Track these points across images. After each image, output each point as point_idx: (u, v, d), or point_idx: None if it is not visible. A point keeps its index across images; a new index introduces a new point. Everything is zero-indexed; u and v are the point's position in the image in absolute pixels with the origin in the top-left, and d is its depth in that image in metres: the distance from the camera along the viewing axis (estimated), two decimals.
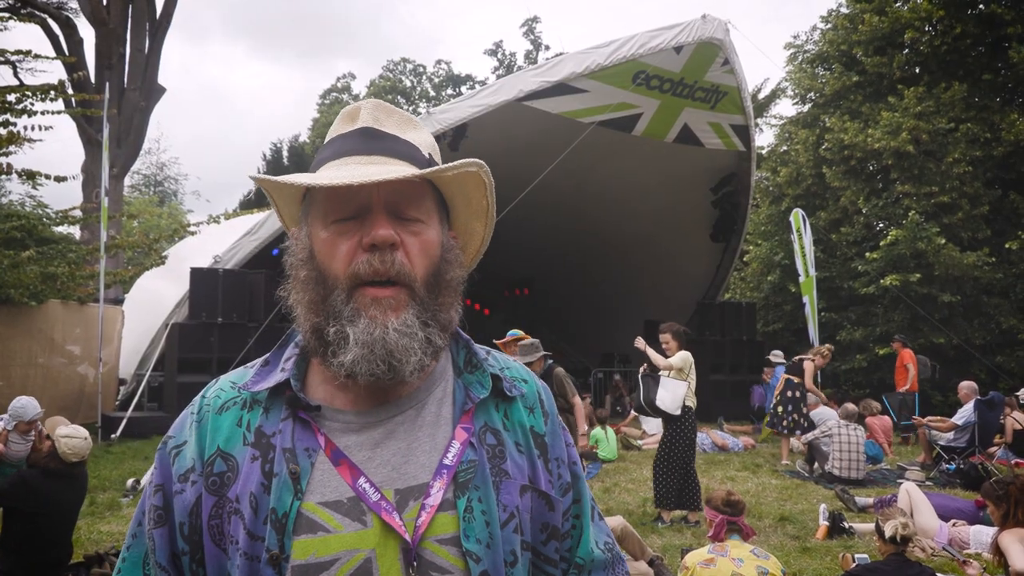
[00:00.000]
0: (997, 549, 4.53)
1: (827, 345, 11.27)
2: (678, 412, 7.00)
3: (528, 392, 1.22)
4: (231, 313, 11.70)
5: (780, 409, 10.19)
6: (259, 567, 1.00)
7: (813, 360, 10.44)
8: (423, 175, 1.06)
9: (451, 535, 1.03)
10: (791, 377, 10.26)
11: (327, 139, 1.18)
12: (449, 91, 41.37)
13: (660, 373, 7.17)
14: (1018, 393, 11.47)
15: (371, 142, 1.12)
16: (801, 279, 14.05)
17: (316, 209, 1.10)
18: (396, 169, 1.07)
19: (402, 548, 1.01)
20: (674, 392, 6.95)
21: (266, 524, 1.01)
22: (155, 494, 1.11)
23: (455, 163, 1.08)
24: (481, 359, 1.20)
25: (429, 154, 1.16)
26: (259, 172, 34.91)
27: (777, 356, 12.97)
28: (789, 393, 10.11)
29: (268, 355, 1.18)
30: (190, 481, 1.08)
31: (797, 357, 10.91)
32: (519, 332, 7.53)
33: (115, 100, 16.83)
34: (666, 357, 7.22)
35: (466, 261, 1.25)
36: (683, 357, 7.15)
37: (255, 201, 32.05)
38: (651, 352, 7.21)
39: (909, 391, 12.72)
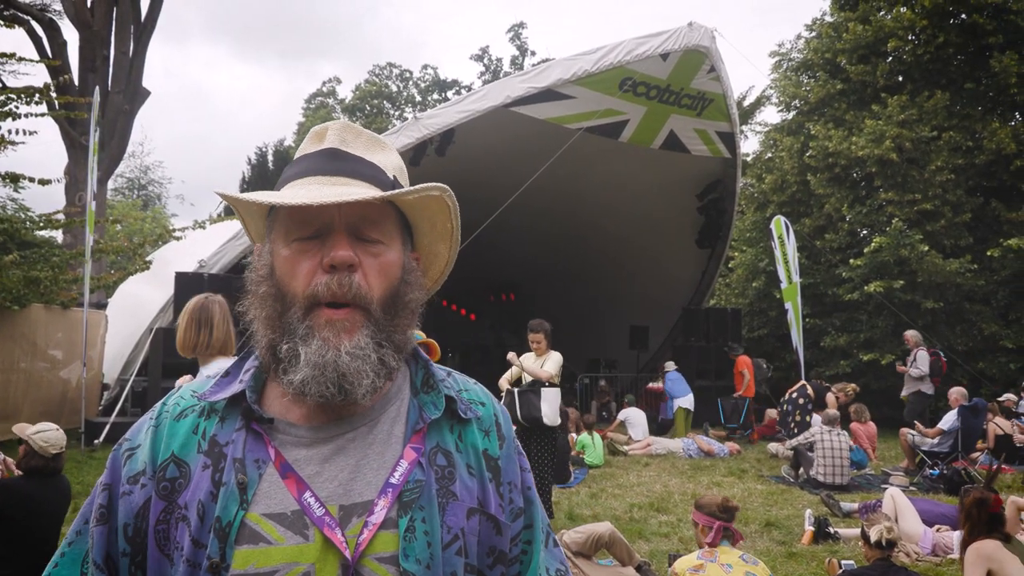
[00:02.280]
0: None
1: (852, 385, 11.55)
2: (559, 421, 6.92)
3: (484, 415, 1.22)
4: None
5: (786, 407, 10.35)
6: (199, 574, 1.01)
7: (837, 397, 10.65)
8: (383, 198, 1.09)
9: (391, 554, 1.04)
10: (806, 385, 10.57)
11: (295, 157, 1.19)
12: (435, 96, 41.36)
13: (505, 384, 6.93)
14: (1000, 398, 11.59)
15: (335, 163, 1.14)
16: (783, 286, 14.14)
17: (279, 226, 1.12)
18: (356, 191, 1.09)
19: (341, 564, 1.02)
20: (554, 403, 6.82)
21: (210, 532, 1.02)
22: (102, 493, 1.12)
23: (417, 187, 1.11)
24: (438, 380, 1.21)
25: (394, 176, 1.18)
26: (244, 176, 34.83)
27: (670, 366, 13.19)
28: (801, 400, 10.27)
29: (230, 366, 1.20)
30: (139, 484, 1.09)
31: (823, 383, 11.26)
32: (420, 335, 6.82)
33: (99, 103, 16.72)
34: (537, 356, 6.97)
35: (429, 283, 1.27)
36: (558, 362, 6.93)
37: None
38: (528, 366, 6.89)
39: (743, 396, 13.58)
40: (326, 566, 1.01)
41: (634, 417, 12.37)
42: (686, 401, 12.59)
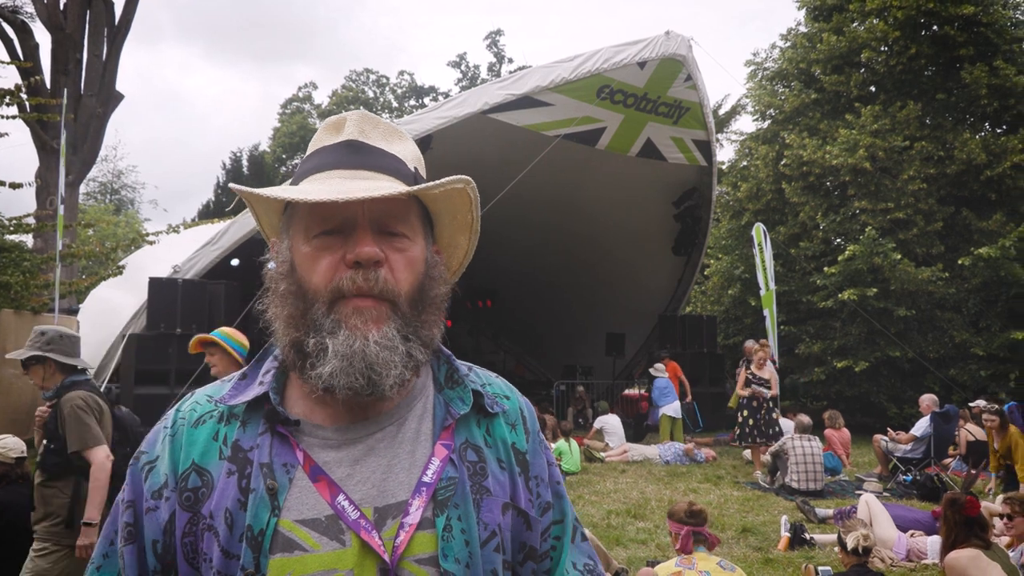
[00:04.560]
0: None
1: (761, 340, 11.35)
2: None
3: (510, 408, 1.20)
4: (190, 324, 11.49)
5: (743, 415, 10.29)
6: None
7: (747, 368, 10.59)
8: (409, 193, 1.05)
9: (430, 555, 1.01)
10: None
11: (310, 149, 1.16)
12: (412, 102, 41.36)
13: None
14: (972, 404, 11.71)
15: (356, 156, 1.10)
16: (762, 292, 14.26)
17: (298, 222, 1.08)
18: (381, 185, 1.06)
19: (380, 568, 0.99)
20: None
21: (241, 542, 0.98)
22: (126, 511, 1.08)
23: (442, 180, 1.07)
24: (463, 375, 1.18)
25: (415, 168, 1.15)
26: (219, 181, 34.57)
27: (657, 371, 13.21)
28: (752, 402, 10.24)
29: (246, 368, 1.16)
30: (163, 497, 1.05)
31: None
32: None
33: (72, 106, 16.51)
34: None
35: (448, 275, 1.24)
36: None
37: (214, 210, 31.61)
38: None
39: (688, 401, 13.76)
40: (364, 571, 0.99)
41: (611, 424, 12.38)
42: (670, 409, 12.57)
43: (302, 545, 0.99)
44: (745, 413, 10.31)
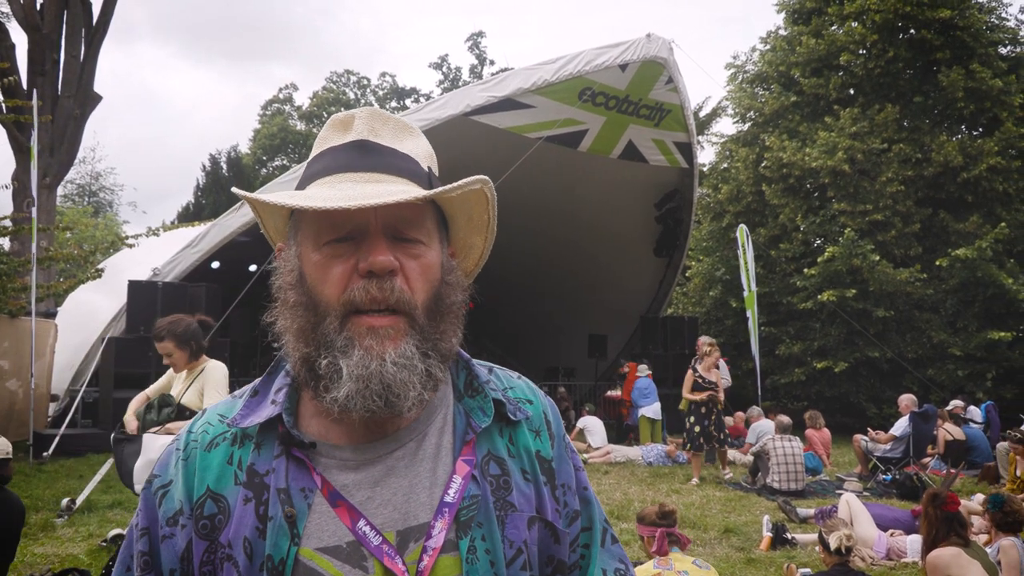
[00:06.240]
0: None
1: (708, 340, 10.79)
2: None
3: (534, 414, 1.14)
4: None
5: (690, 421, 9.98)
6: None
7: (695, 369, 10.03)
8: (426, 197, 1.00)
9: None
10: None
11: (316, 150, 1.10)
12: (394, 104, 41.25)
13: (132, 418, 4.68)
14: (948, 407, 11.82)
15: (367, 157, 1.04)
16: (745, 294, 14.33)
17: (307, 228, 1.02)
18: (396, 189, 1.00)
19: None
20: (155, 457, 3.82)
21: (262, 571, 0.95)
22: (141, 538, 1.04)
23: (459, 183, 1.02)
24: (483, 382, 1.12)
25: (428, 167, 1.09)
26: (199, 183, 34.24)
27: (642, 370, 13.18)
28: (700, 408, 10.02)
29: (256, 383, 1.11)
30: (179, 524, 1.01)
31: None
32: None
33: (49, 108, 16.35)
34: (178, 373, 4.82)
35: (462, 276, 1.18)
36: (216, 379, 4.59)
37: (194, 212, 31.35)
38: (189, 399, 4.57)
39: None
40: None
41: (592, 425, 12.39)
42: (650, 411, 12.58)
43: (323, 574, 0.95)
44: (692, 419, 9.86)
